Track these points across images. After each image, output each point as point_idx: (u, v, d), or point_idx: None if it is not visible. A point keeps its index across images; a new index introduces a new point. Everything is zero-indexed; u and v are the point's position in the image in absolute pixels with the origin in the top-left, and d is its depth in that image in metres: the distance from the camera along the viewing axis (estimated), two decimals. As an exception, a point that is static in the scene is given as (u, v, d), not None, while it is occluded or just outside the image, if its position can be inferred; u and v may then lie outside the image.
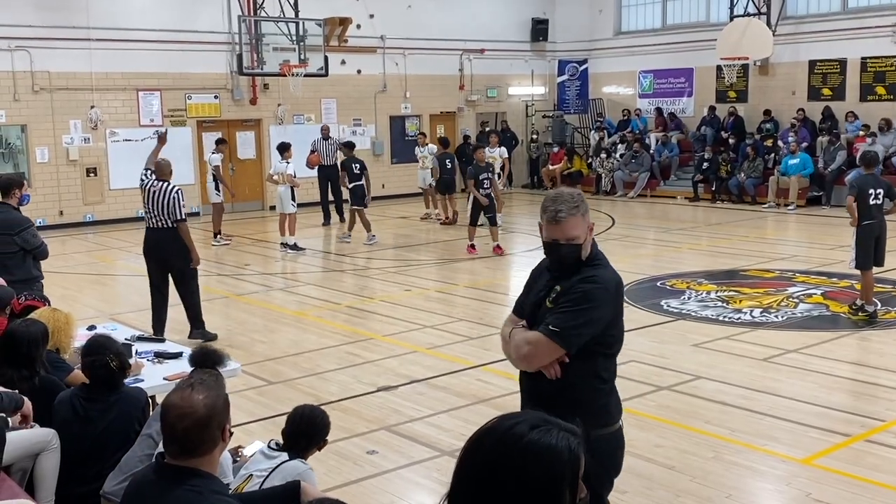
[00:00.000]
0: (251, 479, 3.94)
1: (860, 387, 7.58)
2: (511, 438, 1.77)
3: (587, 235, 3.52)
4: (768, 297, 10.64)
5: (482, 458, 1.79)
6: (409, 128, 23.59)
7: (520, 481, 1.74)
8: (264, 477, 3.89)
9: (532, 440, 1.76)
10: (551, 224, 3.48)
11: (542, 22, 25.24)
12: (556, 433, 1.78)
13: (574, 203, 3.46)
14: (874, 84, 20.02)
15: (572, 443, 1.78)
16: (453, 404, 7.18)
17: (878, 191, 9.40)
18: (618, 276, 3.61)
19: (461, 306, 10.98)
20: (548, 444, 1.76)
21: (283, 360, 8.62)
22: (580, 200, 3.50)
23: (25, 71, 17.80)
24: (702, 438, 6.29)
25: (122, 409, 4.35)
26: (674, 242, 15.22)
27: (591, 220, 3.56)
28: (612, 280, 3.56)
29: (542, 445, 1.75)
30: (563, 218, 3.45)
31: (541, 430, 1.77)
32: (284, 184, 15.18)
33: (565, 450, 1.76)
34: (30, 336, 4.65)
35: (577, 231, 3.47)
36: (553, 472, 1.75)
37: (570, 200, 3.47)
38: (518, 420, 1.80)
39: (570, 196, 3.50)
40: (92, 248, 15.81)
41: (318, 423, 4.20)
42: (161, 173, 9.38)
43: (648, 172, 22.30)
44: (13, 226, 8.09)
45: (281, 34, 19.07)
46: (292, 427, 4.17)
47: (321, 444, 4.24)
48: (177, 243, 9.08)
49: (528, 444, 1.75)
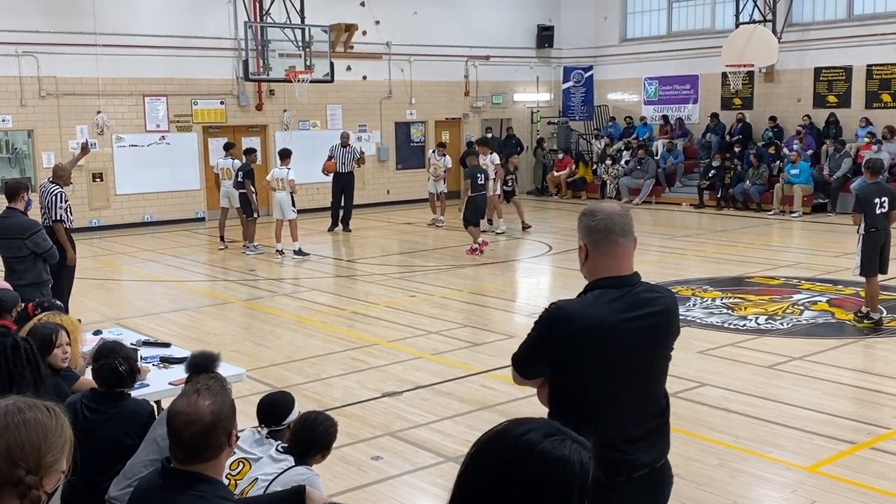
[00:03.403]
0: (256, 482, 3.95)
1: (865, 394, 7.57)
2: (524, 445, 1.75)
3: (580, 253, 3.23)
4: (773, 305, 10.63)
5: (490, 462, 1.77)
6: (415, 134, 23.64)
7: (528, 490, 1.72)
8: (269, 482, 3.90)
9: (546, 449, 1.74)
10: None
11: (547, 28, 25.27)
12: (569, 445, 1.76)
13: (581, 213, 3.29)
14: (880, 91, 20.01)
15: (584, 456, 1.76)
16: (458, 410, 7.18)
17: (884, 199, 9.39)
18: (585, 314, 3.08)
19: (466, 312, 10.98)
20: (561, 455, 1.74)
21: (287, 365, 8.63)
22: (583, 215, 3.23)
23: (32, 76, 17.87)
24: (707, 445, 6.28)
25: (119, 423, 4.35)
26: (679, 249, 15.20)
27: (582, 241, 3.19)
28: (564, 313, 3.09)
29: (556, 455, 1.73)
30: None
31: (555, 440, 1.75)
32: (284, 190, 15.13)
33: (577, 463, 1.74)
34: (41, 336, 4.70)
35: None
36: (564, 483, 1.73)
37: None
38: (532, 427, 1.78)
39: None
40: (98, 252, 15.85)
41: (318, 431, 4.18)
42: (56, 177, 9.91)
43: (653, 179, 22.30)
44: (23, 230, 8.14)
45: (287, 40, 19.11)
46: (299, 432, 4.19)
47: (324, 452, 4.25)
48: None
49: (541, 453, 1.73)
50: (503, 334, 9.63)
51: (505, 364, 8.37)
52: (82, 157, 11.40)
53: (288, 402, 4.48)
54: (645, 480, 3.15)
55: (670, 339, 3.26)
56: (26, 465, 1.93)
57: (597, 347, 3.05)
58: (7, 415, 1.96)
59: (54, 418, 2.01)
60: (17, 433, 1.94)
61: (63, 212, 9.54)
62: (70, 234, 9.73)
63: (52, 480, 2.00)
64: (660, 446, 3.23)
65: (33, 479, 1.94)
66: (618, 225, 3.12)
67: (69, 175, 9.94)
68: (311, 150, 19.49)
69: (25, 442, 1.94)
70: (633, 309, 3.08)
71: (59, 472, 2.02)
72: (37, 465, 1.95)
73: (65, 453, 2.02)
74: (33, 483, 1.94)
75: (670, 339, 3.26)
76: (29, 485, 1.93)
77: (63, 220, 9.53)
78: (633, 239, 3.18)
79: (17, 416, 1.96)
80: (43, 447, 1.96)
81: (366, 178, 21.85)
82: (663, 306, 3.18)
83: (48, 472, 1.98)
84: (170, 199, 19.77)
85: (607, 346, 3.06)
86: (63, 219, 9.53)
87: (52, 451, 1.98)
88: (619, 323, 3.05)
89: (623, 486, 3.08)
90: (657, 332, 3.17)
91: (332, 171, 18.13)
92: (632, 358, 3.10)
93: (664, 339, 3.23)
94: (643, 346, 3.12)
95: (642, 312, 3.10)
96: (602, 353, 3.06)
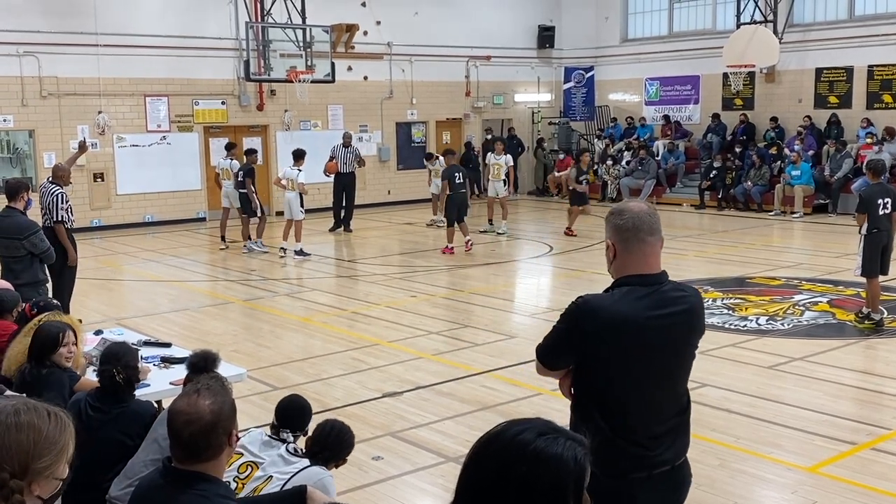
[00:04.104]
0: (271, 479, 3.95)
1: (866, 395, 7.57)
2: (517, 445, 1.76)
3: (608, 252, 3.24)
4: (774, 305, 10.63)
5: (487, 463, 1.78)
6: (416, 134, 23.64)
7: (524, 489, 1.73)
8: (285, 481, 3.91)
9: (538, 448, 1.75)
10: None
11: (548, 29, 25.27)
12: (563, 442, 1.76)
13: (609, 212, 3.31)
14: (881, 92, 20.00)
15: (579, 453, 1.76)
16: (458, 410, 7.18)
17: (887, 200, 9.38)
18: (612, 310, 3.10)
19: (467, 313, 10.98)
20: (554, 453, 1.74)
21: (288, 365, 8.63)
22: (610, 214, 3.26)
23: (34, 76, 17.88)
24: (707, 446, 6.28)
25: (121, 423, 4.36)
26: (680, 250, 15.20)
27: (610, 240, 3.20)
28: (592, 306, 3.13)
29: (549, 454, 1.74)
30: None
31: (548, 438, 1.76)
32: (294, 190, 15.17)
33: (571, 459, 1.75)
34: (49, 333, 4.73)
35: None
36: (558, 481, 1.74)
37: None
38: (525, 427, 1.79)
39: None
40: (99, 252, 15.86)
41: (345, 440, 4.27)
42: (56, 177, 9.87)
43: (654, 179, 22.30)
44: (21, 230, 8.15)
45: (288, 40, 19.13)
46: (320, 438, 4.21)
47: (341, 461, 4.29)
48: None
49: (534, 452, 1.74)
50: (504, 335, 9.63)
51: (506, 364, 8.40)
52: (81, 156, 11.44)
53: (309, 409, 4.48)
54: (665, 477, 3.17)
55: (695, 337, 3.28)
56: (11, 468, 1.86)
57: (623, 343, 3.07)
58: (1, 414, 1.91)
59: (53, 423, 1.94)
60: (7, 435, 1.88)
61: (64, 212, 9.54)
62: (72, 235, 9.74)
63: (47, 487, 1.93)
64: (680, 444, 3.25)
65: (18, 483, 1.87)
66: (646, 224, 3.14)
67: (69, 174, 9.95)
68: (313, 150, 19.37)
69: (14, 444, 1.88)
70: (660, 307, 3.10)
71: (55, 479, 1.94)
72: (23, 470, 1.88)
73: (62, 460, 1.95)
74: (17, 488, 1.86)
75: (695, 337, 3.28)
76: (12, 489, 1.86)
77: (64, 221, 9.54)
78: (661, 238, 3.21)
79: (11, 418, 1.90)
80: (32, 452, 1.89)
81: (367, 179, 21.85)
82: (689, 304, 3.20)
83: (38, 479, 1.90)
84: (171, 199, 19.78)
85: (633, 342, 3.07)
86: (64, 219, 9.54)
87: (42, 456, 1.90)
88: (647, 320, 3.07)
89: (643, 483, 3.10)
90: (683, 330, 3.19)
91: (334, 172, 18.13)
92: (657, 355, 3.12)
93: (689, 337, 3.25)
94: (669, 343, 3.14)
95: (669, 311, 3.12)
96: (628, 349, 3.08)
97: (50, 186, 9.70)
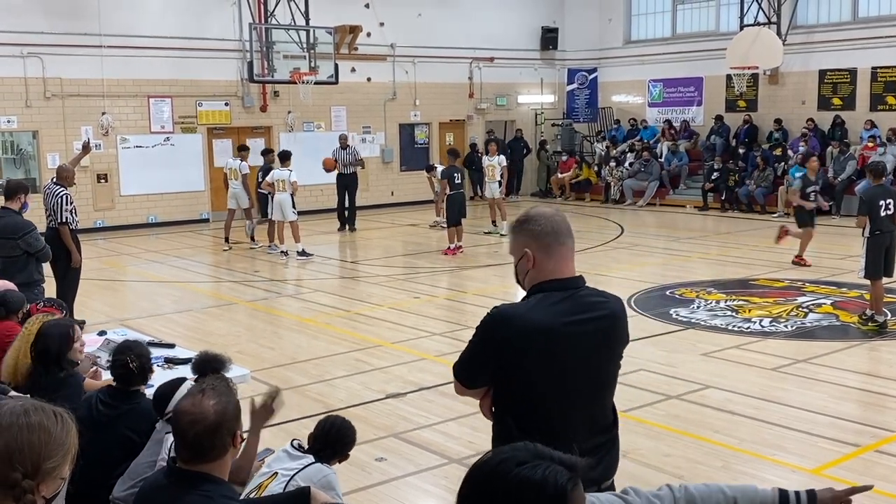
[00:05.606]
0: (276, 476, 3.97)
1: (870, 397, 7.56)
2: (496, 476, 1.74)
3: (524, 262, 3.02)
4: (778, 307, 10.62)
5: (472, 493, 1.78)
6: (419, 135, 23.65)
7: None
8: (289, 477, 3.92)
9: (515, 477, 1.72)
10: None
11: (551, 30, 25.27)
12: (542, 468, 1.73)
13: (515, 222, 3.12)
14: (884, 94, 19.98)
15: (560, 477, 1.72)
16: (462, 412, 7.17)
17: (889, 201, 9.38)
18: (527, 318, 2.93)
19: (470, 314, 10.97)
20: (531, 482, 1.71)
21: (291, 366, 8.63)
22: (521, 223, 3.06)
23: (37, 77, 17.90)
24: (711, 448, 6.28)
25: (130, 420, 4.38)
26: (683, 251, 15.19)
27: (527, 248, 3.00)
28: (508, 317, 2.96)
29: (527, 483, 1.71)
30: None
31: (527, 467, 1.73)
32: (285, 191, 15.14)
33: (550, 486, 1.71)
34: (60, 332, 4.73)
35: (512, 251, 3.11)
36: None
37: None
38: (506, 456, 1.77)
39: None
40: (102, 253, 15.87)
41: (347, 436, 4.30)
42: (60, 178, 9.85)
43: (658, 181, 22.29)
44: (16, 230, 8.19)
45: (291, 42, 19.15)
46: (321, 435, 4.23)
47: (343, 457, 4.32)
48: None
49: (511, 482, 1.71)
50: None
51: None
52: (84, 156, 11.46)
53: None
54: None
55: (619, 346, 3.09)
56: (24, 468, 1.89)
57: (540, 352, 2.90)
58: (12, 415, 1.93)
59: (60, 424, 1.97)
60: (20, 435, 1.90)
61: (68, 213, 9.56)
62: (76, 236, 9.75)
63: (51, 487, 1.96)
64: (607, 463, 3.06)
65: (30, 483, 1.89)
66: (563, 227, 3.01)
67: (73, 175, 9.96)
68: (316, 151, 19.47)
69: (26, 445, 1.90)
70: (577, 312, 2.94)
71: (60, 479, 1.97)
72: (35, 470, 1.90)
73: (67, 460, 1.98)
74: (29, 488, 1.89)
75: (619, 346, 3.09)
76: (24, 489, 1.88)
77: (68, 222, 9.55)
78: (573, 241, 3.08)
79: (21, 418, 1.92)
80: (44, 452, 1.92)
81: (370, 180, 21.87)
82: (609, 311, 3.03)
83: (46, 479, 1.93)
84: (174, 200, 19.80)
85: (551, 350, 2.90)
86: (68, 220, 9.55)
87: (52, 457, 1.93)
88: (563, 326, 2.90)
89: None
90: (604, 338, 3.01)
91: (332, 168, 18.09)
92: (578, 364, 2.95)
93: (611, 346, 3.06)
94: (589, 351, 2.96)
95: (587, 316, 2.95)
96: (546, 357, 2.91)
97: (54, 187, 9.72)
